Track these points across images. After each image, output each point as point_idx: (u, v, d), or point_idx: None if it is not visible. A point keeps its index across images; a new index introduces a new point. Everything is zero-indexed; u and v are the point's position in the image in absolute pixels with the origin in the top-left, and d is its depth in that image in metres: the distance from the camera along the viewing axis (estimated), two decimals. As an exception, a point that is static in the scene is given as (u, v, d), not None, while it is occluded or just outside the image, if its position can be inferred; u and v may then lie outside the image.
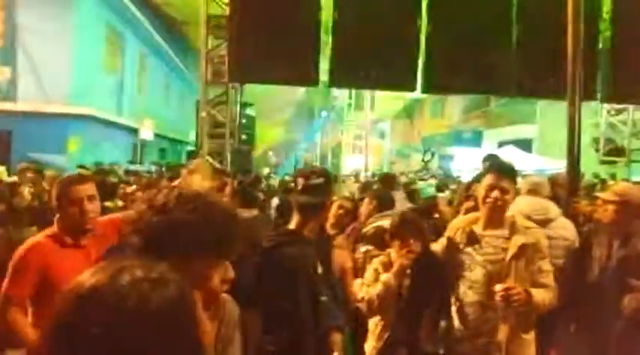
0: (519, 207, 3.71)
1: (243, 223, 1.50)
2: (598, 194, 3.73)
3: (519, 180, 4.23)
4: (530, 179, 4.38)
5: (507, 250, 2.99)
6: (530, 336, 3.08)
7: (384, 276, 3.11)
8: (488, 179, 3.07)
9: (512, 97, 11.24)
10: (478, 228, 3.12)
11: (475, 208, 3.46)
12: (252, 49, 6.80)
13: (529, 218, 3.39)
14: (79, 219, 2.65)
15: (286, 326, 2.44)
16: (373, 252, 3.71)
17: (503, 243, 3.02)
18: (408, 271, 3.18)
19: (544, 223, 3.75)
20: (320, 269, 2.55)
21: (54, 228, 2.69)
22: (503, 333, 3.00)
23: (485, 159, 5.57)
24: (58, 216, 2.70)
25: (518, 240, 2.99)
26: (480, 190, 3.11)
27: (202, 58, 7.38)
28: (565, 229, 4.01)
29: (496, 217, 3.08)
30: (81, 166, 10.76)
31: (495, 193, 3.00)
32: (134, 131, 17.20)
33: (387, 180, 6.12)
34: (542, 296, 2.92)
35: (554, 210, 4.06)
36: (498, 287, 2.83)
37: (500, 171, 3.10)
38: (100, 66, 15.49)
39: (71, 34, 13.56)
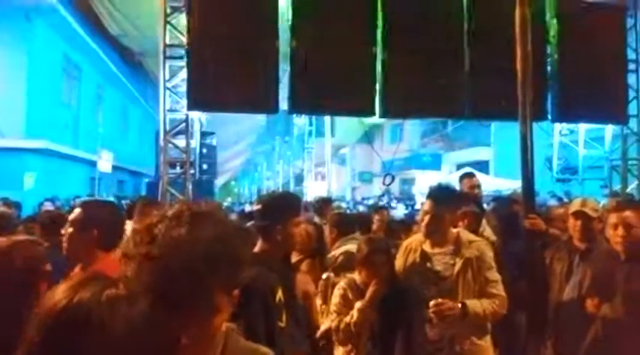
0: None
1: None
2: (575, 209, 3.81)
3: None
4: None
5: (454, 266, 3.15)
6: (486, 342, 3.23)
7: (359, 304, 3.13)
8: (425, 205, 3.35)
9: (466, 120, 11.52)
10: (427, 247, 3.28)
11: None
12: (211, 77, 6.80)
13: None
14: None
15: None
16: (334, 279, 3.72)
17: (450, 260, 3.21)
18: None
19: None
20: (281, 295, 2.52)
21: None
22: (460, 343, 3.15)
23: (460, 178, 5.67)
24: None
25: (462, 255, 3.16)
26: (420, 215, 3.32)
27: (160, 87, 7.34)
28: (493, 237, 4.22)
29: (438, 237, 3.30)
30: (49, 200, 10.47)
31: (428, 219, 3.24)
32: (92, 164, 16.84)
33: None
34: (484, 306, 3.09)
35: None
36: (431, 303, 2.98)
37: (436, 197, 3.29)
38: (56, 98, 15.19)
39: (26, 66, 13.29)
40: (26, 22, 13.27)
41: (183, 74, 7.12)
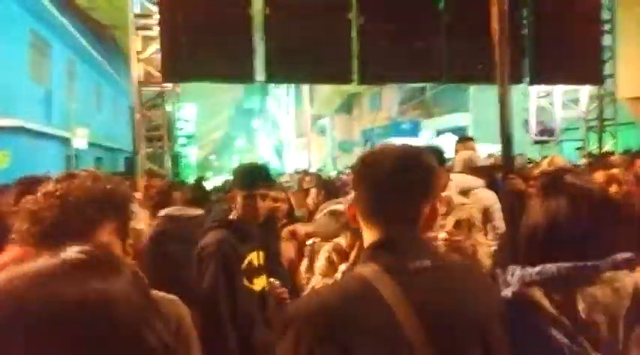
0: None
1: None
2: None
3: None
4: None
5: (444, 227, 3.17)
6: None
7: (343, 266, 3.14)
8: None
9: (444, 83, 11.52)
10: None
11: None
12: (184, 47, 6.67)
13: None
14: None
15: (201, 312, 2.48)
16: (320, 244, 3.74)
17: (441, 220, 3.18)
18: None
19: (464, 193, 4.00)
20: (258, 259, 2.59)
21: None
22: None
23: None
24: None
25: (452, 217, 3.17)
26: None
27: (133, 59, 7.18)
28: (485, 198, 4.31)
29: None
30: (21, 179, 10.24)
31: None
32: (66, 141, 16.53)
33: None
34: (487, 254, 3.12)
35: (475, 182, 4.34)
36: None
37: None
38: (26, 75, 14.80)
39: (-7, 43, 12.89)
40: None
41: (157, 45, 6.97)
